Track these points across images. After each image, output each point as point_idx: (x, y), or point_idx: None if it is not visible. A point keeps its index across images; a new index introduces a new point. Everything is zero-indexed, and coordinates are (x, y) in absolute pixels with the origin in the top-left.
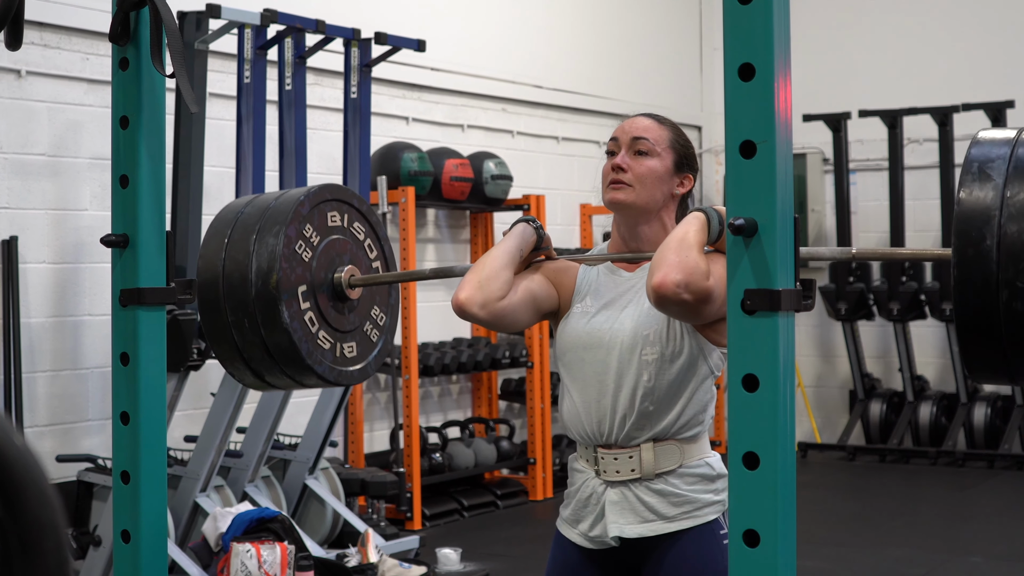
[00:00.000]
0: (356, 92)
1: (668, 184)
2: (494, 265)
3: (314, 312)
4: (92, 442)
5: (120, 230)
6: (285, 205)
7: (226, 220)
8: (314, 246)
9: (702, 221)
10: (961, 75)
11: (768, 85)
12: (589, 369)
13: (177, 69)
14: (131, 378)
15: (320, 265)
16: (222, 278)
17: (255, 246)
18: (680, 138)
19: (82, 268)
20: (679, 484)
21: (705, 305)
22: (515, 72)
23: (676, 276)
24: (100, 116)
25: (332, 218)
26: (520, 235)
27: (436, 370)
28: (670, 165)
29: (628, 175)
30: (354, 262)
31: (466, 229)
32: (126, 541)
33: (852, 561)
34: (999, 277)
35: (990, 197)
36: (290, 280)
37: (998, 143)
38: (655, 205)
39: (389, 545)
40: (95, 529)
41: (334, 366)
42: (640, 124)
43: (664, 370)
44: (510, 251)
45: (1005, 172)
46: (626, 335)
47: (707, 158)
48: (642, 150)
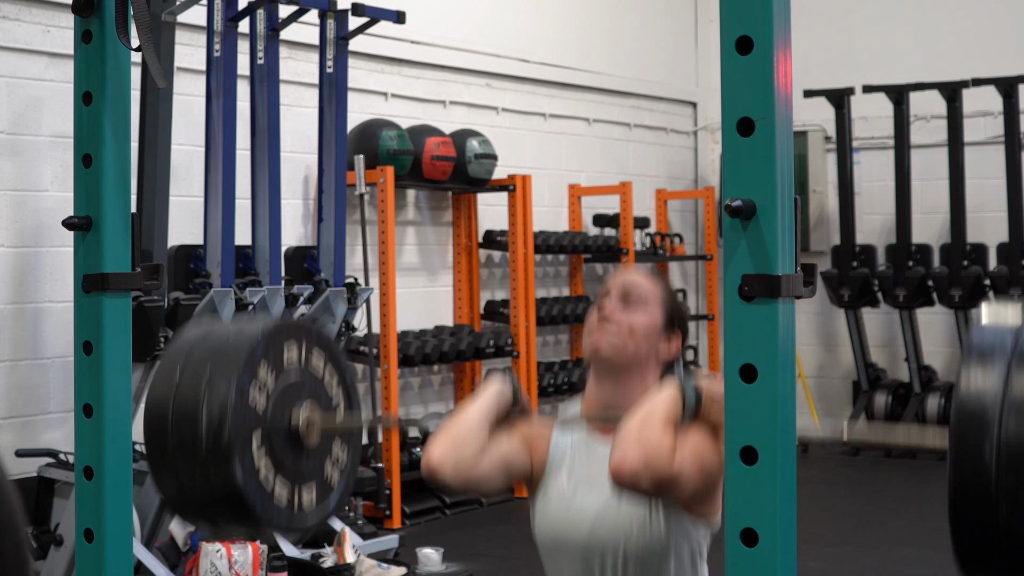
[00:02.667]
0: (332, 66)
1: (654, 342)
2: (468, 424)
3: (269, 464)
4: (53, 436)
5: (83, 212)
6: (238, 346)
7: (174, 360)
8: (269, 390)
9: (674, 395)
10: (971, 48)
11: (767, 59)
12: (567, 556)
13: (143, 42)
14: (94, 368)
15: (276, 410)
16: (171, 427)
17: (205, 394)
18: (672, 298)
19: (42, 252)
20: None
21: (670, 492)
22: (500, 45)
23: (633, 461)
24: (62, 92)
25: (289, 355)
26: (497, 396)
27: (417, 360)
28: (659, 322)
29: (614, 325)
30: (313, 401)
31: (448, 211)
32: (89, 540)
33: (856, 561)
34: (998, 489)
35: (990, 397)
36: (243, 432)
37: (1002, 331)
38: (639, 362)
39: (367, 545)
40: (56, 528)
41: (291, 518)
42: (632, 278)
43: (647, 559)
44: (486, 412)
45: (1005, 371)
46: (606, 522)
47: (703, 136)
48: (632, 303)
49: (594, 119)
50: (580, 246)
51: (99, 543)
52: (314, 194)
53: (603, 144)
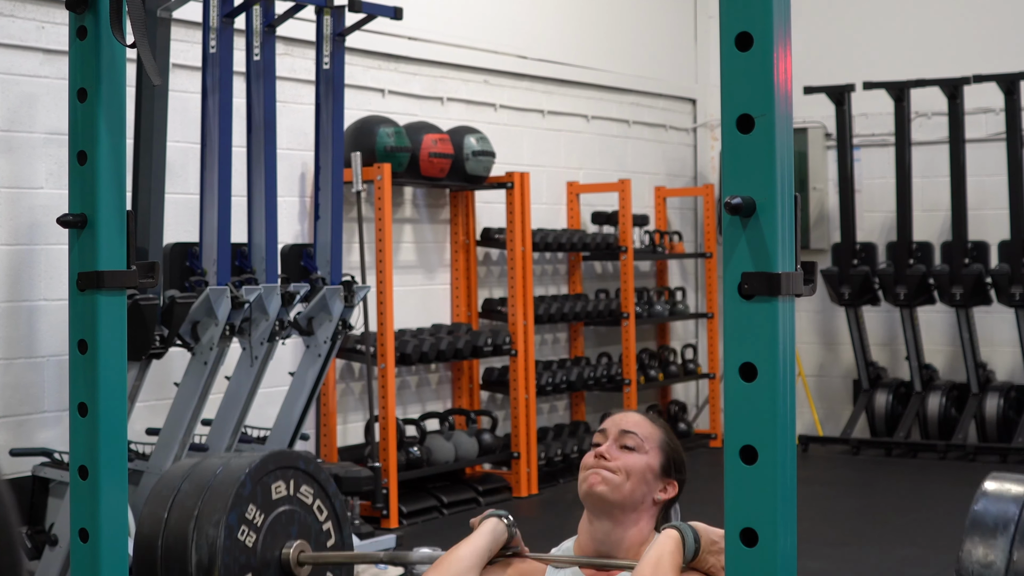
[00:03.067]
0: (329, 63)
1: (651, 486)
2: (459, 566)
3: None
4: (48, 435)
5: (78, 209)
6: (224, 485)
7: (162, 497)
8: (258, 527)
9: (676, 540)
10: (972, 44)
11: (767, 55)
12: None
13: (138, 38)
14: (89, 367)
15: (266, 546)
16: (160, 564)
17: (194, 535)
18: (671, 441)
19: (37, 250)
20: None
21: None
22: (498, 41)
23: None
24: (56, 88)
25: (277, 489)
26: (491, 533)
27: (414, 358)
28: (656, 466)
29: (610, 465)
30: (303, 532)
31: (446, 208)
32: (84, 540)
33: (856, 561)
34: None
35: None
36: (233, 572)
37: (1003, 501)
38: (634, 505)
39: (364, 544)
40: (51, 527)
41: None
42: (632, 419)
43: None
44: (479, 551)
45: (1008, 547)
46: None
47: (702, 133)
48: (629, 445)
49: (593, 116)
50: (579, 244)
51: (94, 543)
52: (311, 191)
53: (602, 141)
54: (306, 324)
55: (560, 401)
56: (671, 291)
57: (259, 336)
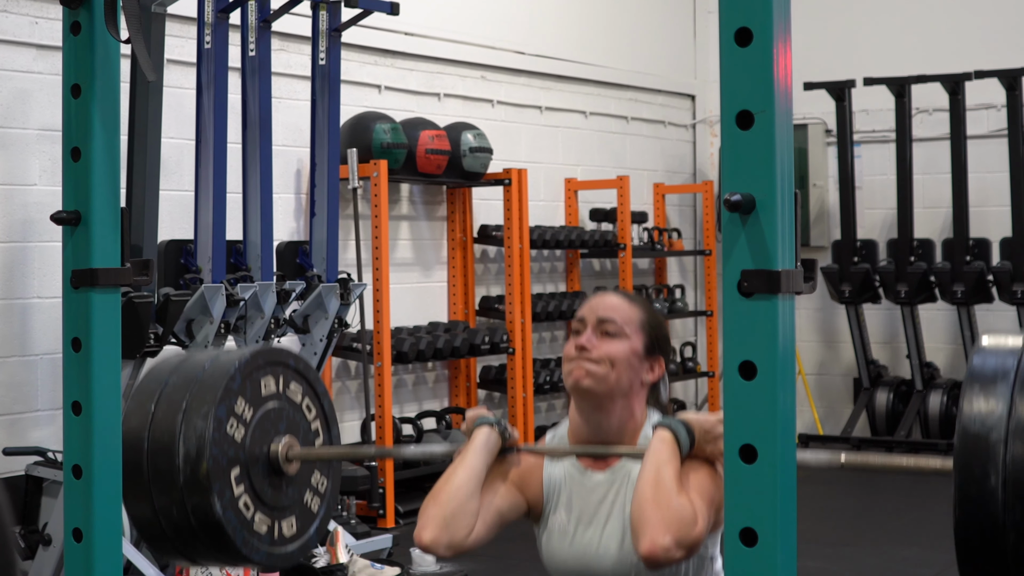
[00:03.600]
0: (324, 58)
1: (637, 369)
2: (460, 495)
3: (249, 495)
4: (41, 434)
5: (71, 206)
6: (213, 379)
7: (149, 391)
8: (247, 421)
9: (670, 443)
10: (973, 40)
11: (767, 51)
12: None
13: (133, 34)
14: (83, 365)
15: (254, 441)
16: (146, 461)
17: (182, 427)
18: (652, 318)
19: (30, 247)
20: None
21: (697, 547)
22: (495, 37)
23: (664, 541)
24: (50, 84)
25: (266, 385)
26: (484, 447)
27: (410, 356)
28: (640, 348)
29: (593, 357)
30: (291, 429)
31: (443, 205)
32: (78, 540)
33: (857, 561)
34: (1005, 519)
35: (995, 424)
36: (221, 465)
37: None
38: (621, 391)
39: (360, 544)
40: (44, 527)
41: (272, 550)
42: (609, 303)
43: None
44: (477, 473)
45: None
46: (616, 562)
47: (701, 129)
48: (610, 331)
49: (591, 112)
50: (577, 241)
51: (88, 543)
52: (306, 188)
53: (600, 137)
54: (302, 322)
55: (558, 400)
56: (670, 289)
57: (254, 334)
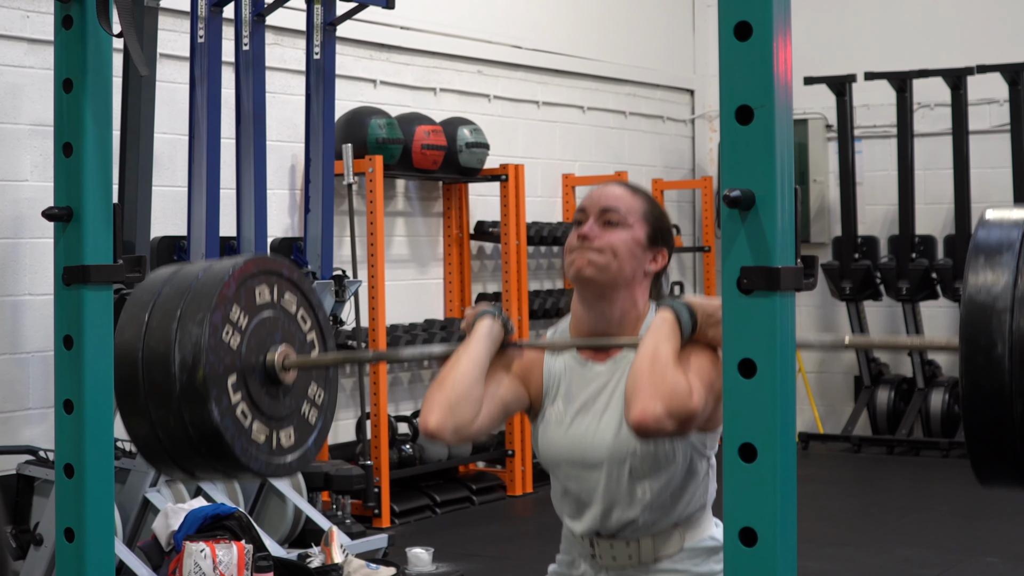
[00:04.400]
0: (319, 53)
1: (640, 259)
2: (465, 382)
3: (246, 403)
4: (33, 432)
5: (63, 202)
6: (208, 286)
7: (143, 302)
8: (242, 329)
9: (671, 323)
10: (975, 34)
11: (766, 45)
12: (575, 484)
13: (125, 28)
14: (75, 363)
15: (250, 349)
16: (141, 371)
17: (177, 335)
18: (654, 209)
19: (22, 244)
20: (683, 560)
21: (692, 424)
22: (492, 31)
23: (656, 408)
24: (42, 79)
25: (260, 293)
26: (488, 336)
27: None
28: (642, 238)
29: (595, 245)
30: (287, 339)
31: (439, 201)
32: (70, 540)
33: (857, 561)
34: (1012, 387)
35: (1000, 293)
36: (218, 372)
37: (1008, 225)
38: (624, 282)
39: (355, 544)
40: (36, 527)
41: (270, 459)
42: (611, 192)
43: (661, 481)
44: (480, 361)
45: (1015, 263)
46: (611, 450)
47: (700, 124)
48: (612, 220)
49: (588, 107)
50: None
51: (80, 542)
52: (301, 184)
53: (598, 133)
54: None
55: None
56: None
57: None
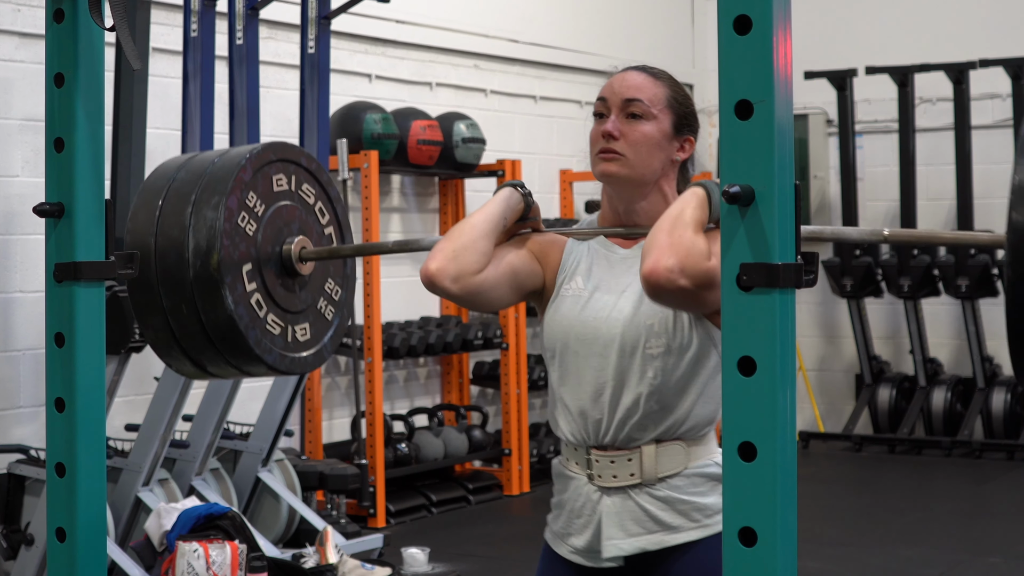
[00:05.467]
0: (314, 47)
1: (667, 150)
2: (472, 233)
3: (261, 293)
4: (24, 431)
5: (55, 198)
6: (224, 171)
7: (156, 188)
8: (259, 216)
9: (701, 197)
10: (978, 28)
11: (766, 39)
12: (584, 364)
13: (117, 21)
14: (67, 361)
15: (266, 238)
16: (155, 257)
17: (191, 220)
18: (679, 94)
19: (13, 240)
20: (685, 488)
21: (707, 291)
22: (488, 25)
23: (669, 260)
24: (33, 73)
25: (278, 182)
26: (505, 201)
27: (402, 352)
28: (668, 128)
29: (620, 143)
30: (304, 231)
31: (435, 197)
32: (61, 540)
33: (859, 561)
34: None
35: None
36: (233, 259)
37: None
38: (653, 175)
39: (350, 544)
40: (27, 527)
41: (285, 352)
42: (632, 82)
43: (672, 365)
44: (492, 218)
45: None
46: (627, 325)
47: (699, 119)
48: (636, 113)
49: (586, 102)
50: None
51: (71, 543)
52: None
53: None
54: None
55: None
56: None
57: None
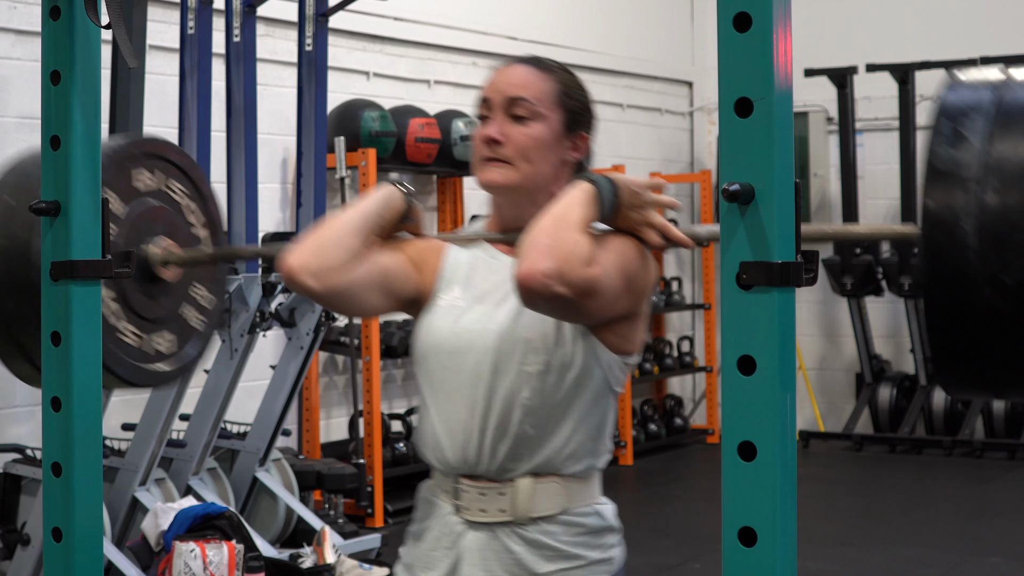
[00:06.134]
0: (311, 44)
1: (558, 151)
2: (341, 229)
3: (117, 301)
4: (20, 430)
5: (51, 197)
6: None
7: (6, 182)
8: (117, 217)
9: (589, 193)
10: (979, 25)
11: (766, 36)
12: (454, 379)
13: (114, 19)
14: (63, 360)
15: (125, 241)
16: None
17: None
18: (570, 88)
19: None
20: (560, 535)
21: (588, 299)
22: (487, 22)
23: (547, 265)
24: (29, 71)
25: (142, 179)
26: (384, 199)
27: (400, 351)
28: (558, 127)
29: (505, 148)
30: (170, 233)
31: (433, 195)
32: (57, 540)
33: (859, 561)
34: (979, 269)
35: (967, 163)
36: None
37: (978, 87)
38: (543, 181)
39: (348, 544)
40: (23, 526)
41: (142, 365)
42: (517, 78)
43: (550, 384)
44: (365, 215)
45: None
46: (502, 339)
47: (699, 117)
48: (520, 114)
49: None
50: None
51: (68, 543)
52: (292, 178)
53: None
54: (288, 315)
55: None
56: (667, 281)
57: (239, 328)
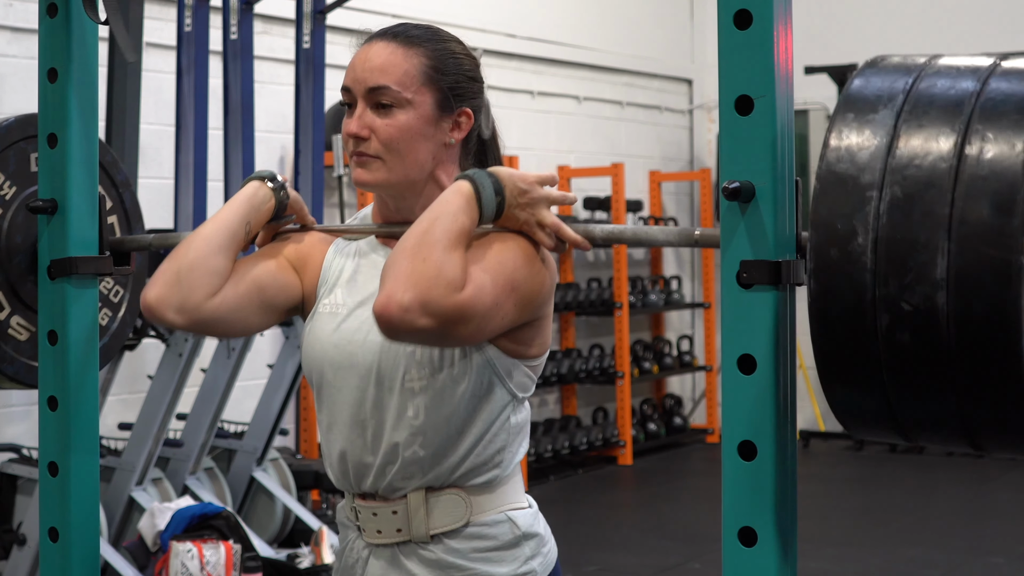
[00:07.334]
0: (309, 42)
1: (434, 136)
2: (202, 249)
3: (3, 292)
4: (16, 430)
5: (48, 194)
6: None
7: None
8: (6, 201)
9: (466, 195)
10: (981, 22)
11: (767, 33)
12: (339, 398)
13: (111, 15)
14: (59, 359)
15: (15, 226)
16: None
17: None
18: (440, 60)
19: None
20: (465, 551)
21: (458, 326)
22: (485, 19)
23: (405, 296)
24: (25, 68)
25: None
26: (248, 201)
27: None
28: (430, 110)
29: (372, 143)
30: None
31: None
32: (54, 540)
33: (860, 561)
34: (876, 293)
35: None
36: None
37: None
38: (421, 171)
39: None
40: (19, 526)
41: (31, 363)
42: (376, 61)
43: (439, 402)
44: (228, 227)
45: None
46: (384, 351)
47: (699, 115)
48: (384, 103)
49: (584, 97)
50: None
51: (64, 542)
52: (290, 176)
53: (594, 123)
54: None
55: (550, 395)
56: (666, 280)
57: None
